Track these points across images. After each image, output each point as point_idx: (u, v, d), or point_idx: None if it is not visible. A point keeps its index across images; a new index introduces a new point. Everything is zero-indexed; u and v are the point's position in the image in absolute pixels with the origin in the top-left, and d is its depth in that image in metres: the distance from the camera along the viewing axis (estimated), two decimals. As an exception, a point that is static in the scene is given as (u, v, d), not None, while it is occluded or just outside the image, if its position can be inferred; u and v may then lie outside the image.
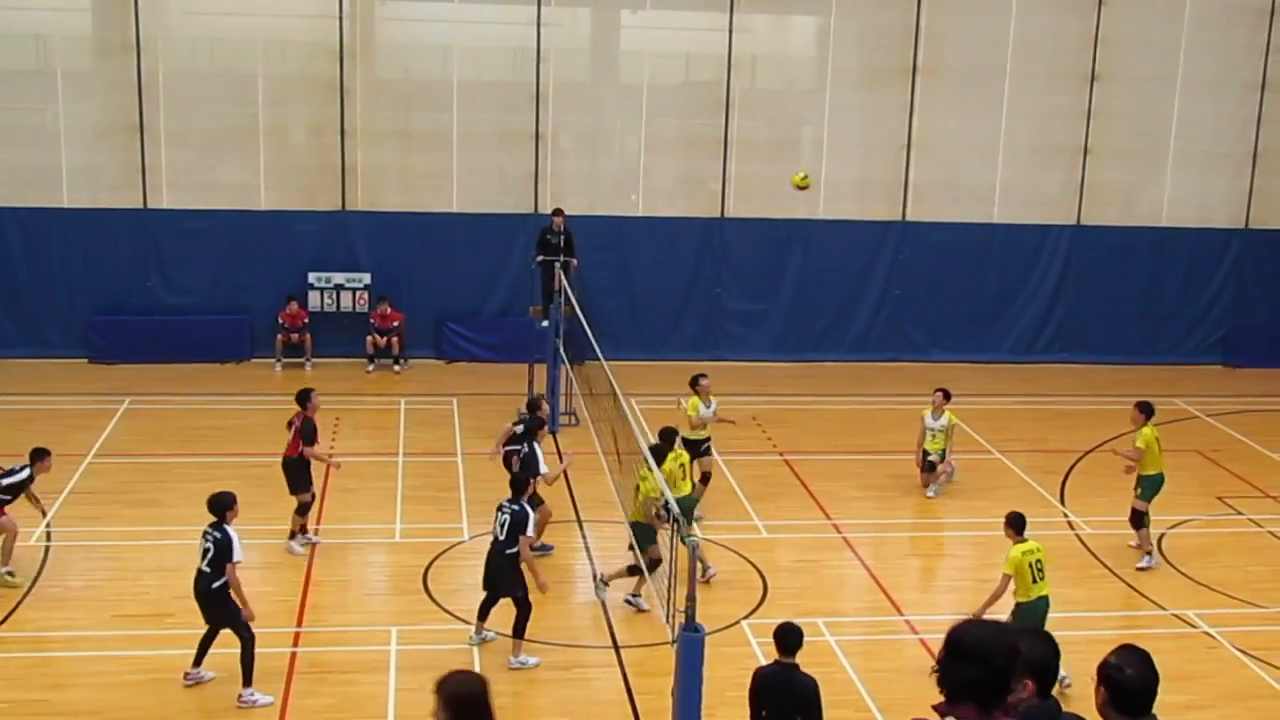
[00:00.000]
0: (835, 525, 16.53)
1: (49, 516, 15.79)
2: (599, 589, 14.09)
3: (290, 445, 15.16)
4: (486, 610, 12.93)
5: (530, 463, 14.45)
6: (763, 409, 21.38)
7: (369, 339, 22.81)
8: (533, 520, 12.84)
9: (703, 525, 15.77)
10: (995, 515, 17.14)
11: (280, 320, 22.73)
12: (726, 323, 24.25)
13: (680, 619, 10.20)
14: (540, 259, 21.09)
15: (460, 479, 17.70)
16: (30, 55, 23.13)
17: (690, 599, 10.05)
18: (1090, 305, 24.83)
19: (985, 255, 24.53)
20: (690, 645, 10.09)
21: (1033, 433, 20.84)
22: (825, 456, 19.28)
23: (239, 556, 11.76)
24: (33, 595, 13.90)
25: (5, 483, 14.27)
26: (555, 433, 19.38)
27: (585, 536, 15.87)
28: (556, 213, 21.76)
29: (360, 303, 23.08)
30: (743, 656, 13.03)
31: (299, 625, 13.48)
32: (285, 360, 22.76)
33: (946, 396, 17.67)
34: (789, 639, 9.87)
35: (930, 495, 17.59)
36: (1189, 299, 25.14)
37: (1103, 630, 12.98)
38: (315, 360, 22.81)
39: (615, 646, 13.17)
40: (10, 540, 14.08)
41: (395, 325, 22.92)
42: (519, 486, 13.09)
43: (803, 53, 24.95)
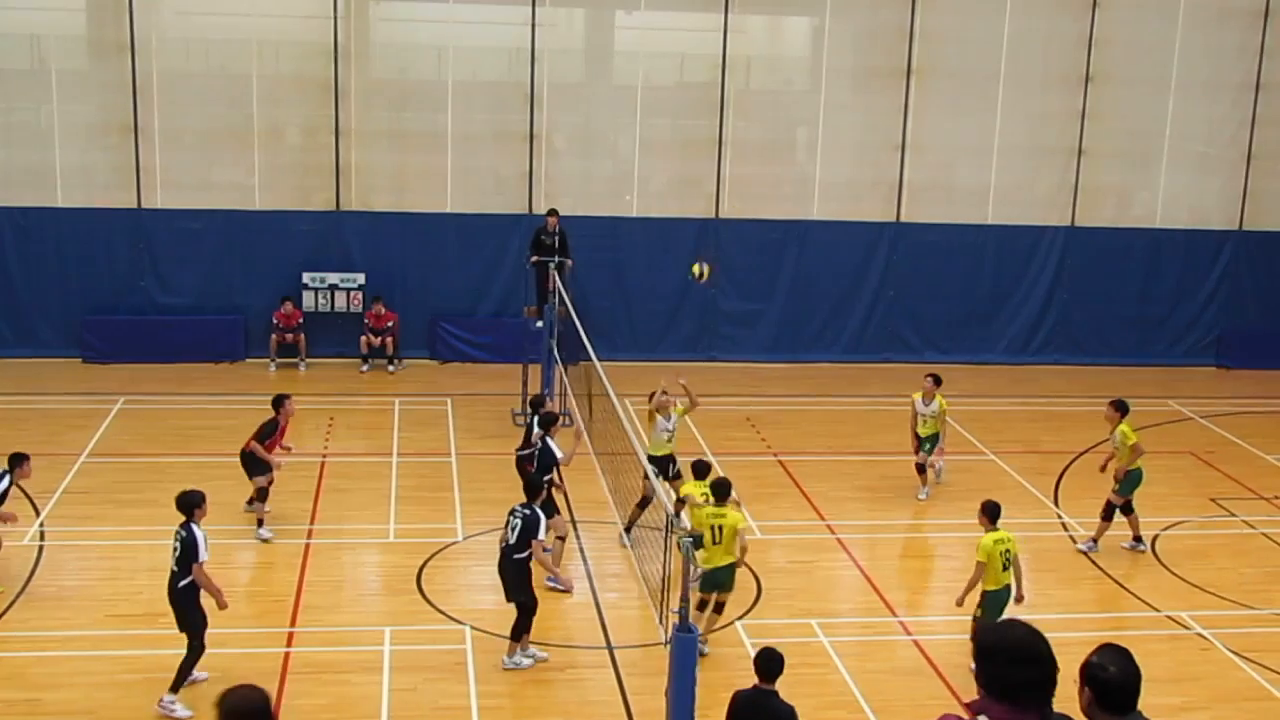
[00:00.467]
0: (829, 526, 16.54)
1: (43, 516, 15.81)
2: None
3: (248, 438, 15.69)
4: (519, 632, 12.69)
5: (546, 457, 14.32)
6: (757, 410, 21.40)
7: (363, 339, 22.80)
8: (544, 525, 12.62)
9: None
10: (989, 516, 17.26)
11: (274, 320, 22.71)
12: (721, 323, 24.26)
13: (674, 620, 10.21)
14: (535, 259, 21.09)
15: (454, 479, 17.71)
16: (24, 55, 23.10)
17: (684, 600, 10.06)
18: (1084, 307, 24.86)
19: (979, 256, 24.55)
20: (684, 646, 10.10)
21: (1027, 434, 20.86)
22: (819, 457, 19.30)
23: (204, 556, 11.68)
24: (26, 595, 13.88)
25: None
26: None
27: (580, 538, 15.86)
28: (551, 213, 21.75)
29: (354, 303, 23.06)
30: (736, 657, 13.05)
31: (293, 625, 13.47)
32: (279, 360, 22.74)
33: (937, 382, 17.63)
34: (770, 666, 9.81)
35: (921, 498, 17.58)
36: (1183, 300, 25.18)
37: (1096, 632, 13.00)
38: (309, 360, 22.81)
39: (609, 647, 13.17)
40: None
41: (389, 325, 22.91)
42: (533, 491, 12.89)
43: (797, 54, 24.97)
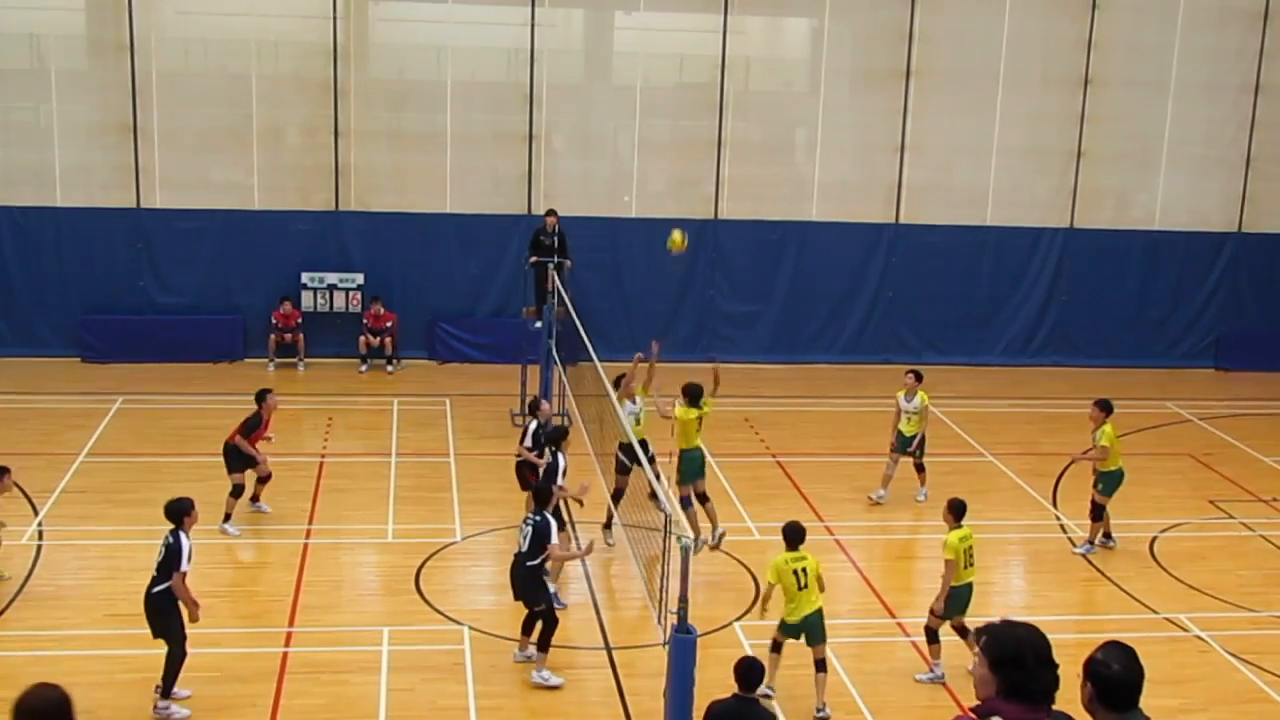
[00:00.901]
0: (827, 527, 16.53)
1: (41, 515, 15.81)
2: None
3: (232, 431, 15.80)
4: (529, 626, 12.67)
5: (552, 472, 14.10)
6: (755, 411, 21.40)
7: (362, 339, 22.80)
8: (555, 529, 12.44)
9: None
10: (987, 518, 17.26)
11: (273, 320, 22.71)
12: (719, 324, 24.27)
13: (672, 620, 10.20)
14: (534, 260, 21.09)
15: (453, 480, 17.70)
16: (24, 54, 23.09)
17: (682, 600, 10.06)
18: (1083, 308, 24.87)
19: (978, 258, 24.57)
20: (682, 646, 10.10)
21: (1025, 435, 20.86)
22: (818, 458, 19.30)
23: (185, 567, 11.51)
24: (24, 594, 13.87)
25: None
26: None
27: (576, 538, 15.84)
28: (549, 213, 21.76)
29: (353, 303, 23.07)
30: (735, 658, 13.00)
31: (291, 625, 13.46)
32: (278, 360, 22.75)
33: (918, 378, 17.56)
34: (750, 675, 9.82)
35: (920, 499, 17.57)
36: (1181, 303, 25.20)
37: (1094, 634, 13.01)
38: (308, 360, 22.81)
39: (607, 648, 13.17)
40: None
41: (388, 325, 22.91)
42: (543, 498, 12.80)
43: (796, 55, 24.98)
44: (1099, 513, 16.02)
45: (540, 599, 12.46)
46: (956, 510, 12.93)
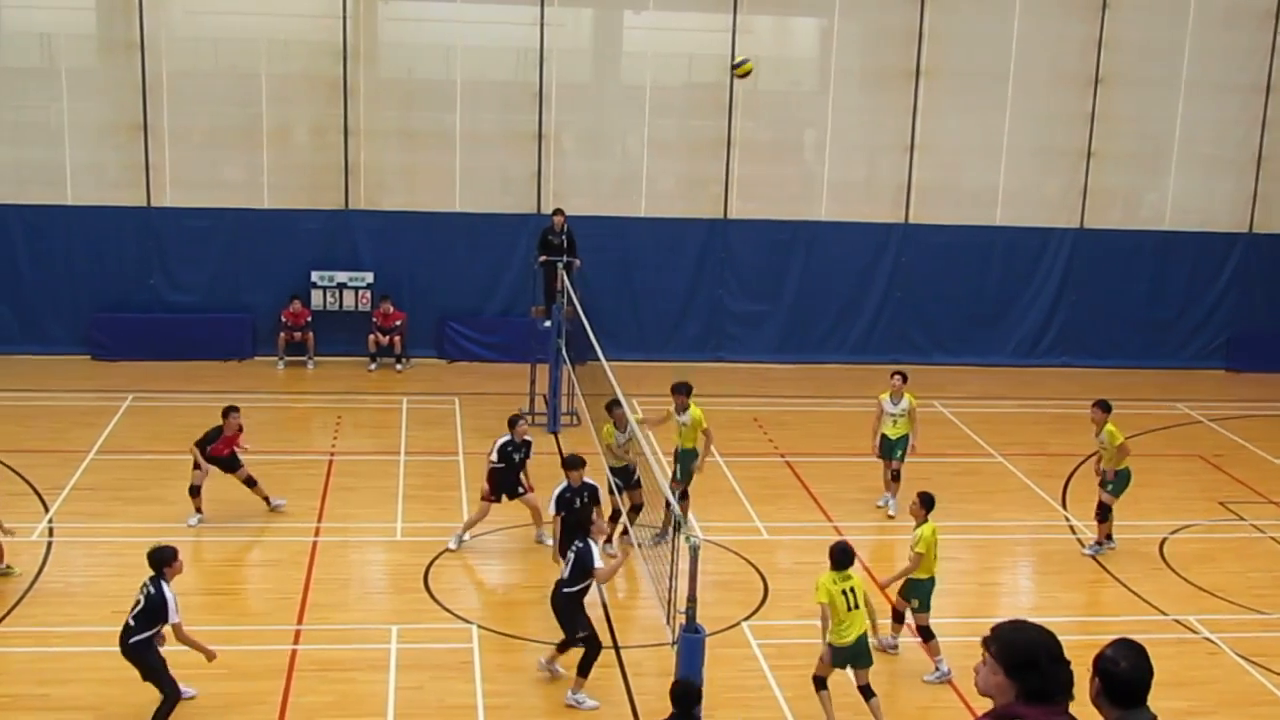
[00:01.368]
0: (836, 527, 16.51)
1: (51, 512, 15.86)
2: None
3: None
4: (566, 646, 12.35)
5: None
6: (764, 410, 21.39)
7: (371, 338, 22.83)
8: (596, 554, 12.08)
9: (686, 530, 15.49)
10: (996, 519, 17.27)
11: (283, 318, 22.74)
12: (728, 324, 24.25)
13: (681, 620, 10.21)
14: (543, 259, 21.09)
15: (461, 478, 17.71)
16: (35, 53, 23.16)
17: (691, 600, 10.06)
18: (1092, 309, 24.82)
19: (987, 258, 24.53)
20: (691, 646, 10.11)
21: (1034, 436, 20.83)
22: (826, 458, 19.29)
23: (175, 618, 11.03)
24: (34, 591, 13.91)
25: None
26: (556, 433, 19.43)
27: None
28: (557, 212, 21.78)
29: (362, 302, 23.09)
30: (743, 658, 13.06)
31: (299, 623, 13.48)
32: (288, 358, 22.78)
33: (904, 379, 17.25)
34: (686, 698, 9.85)
35: (880, 504, 17.25)
36: (1192, 303, 25.13)
37: (1103, 635, 12.92)
38: (317, 358, 22.84)
39: (616, 647, 13.16)
40: None
41: (397, 324, 22.93)
42: (584, 524, 12.60)
43: (805, 54, 24.95)
44: (1106, 513, 15.98)
45: (581, 625, 12.15)
46: (928, 503, 13.02)
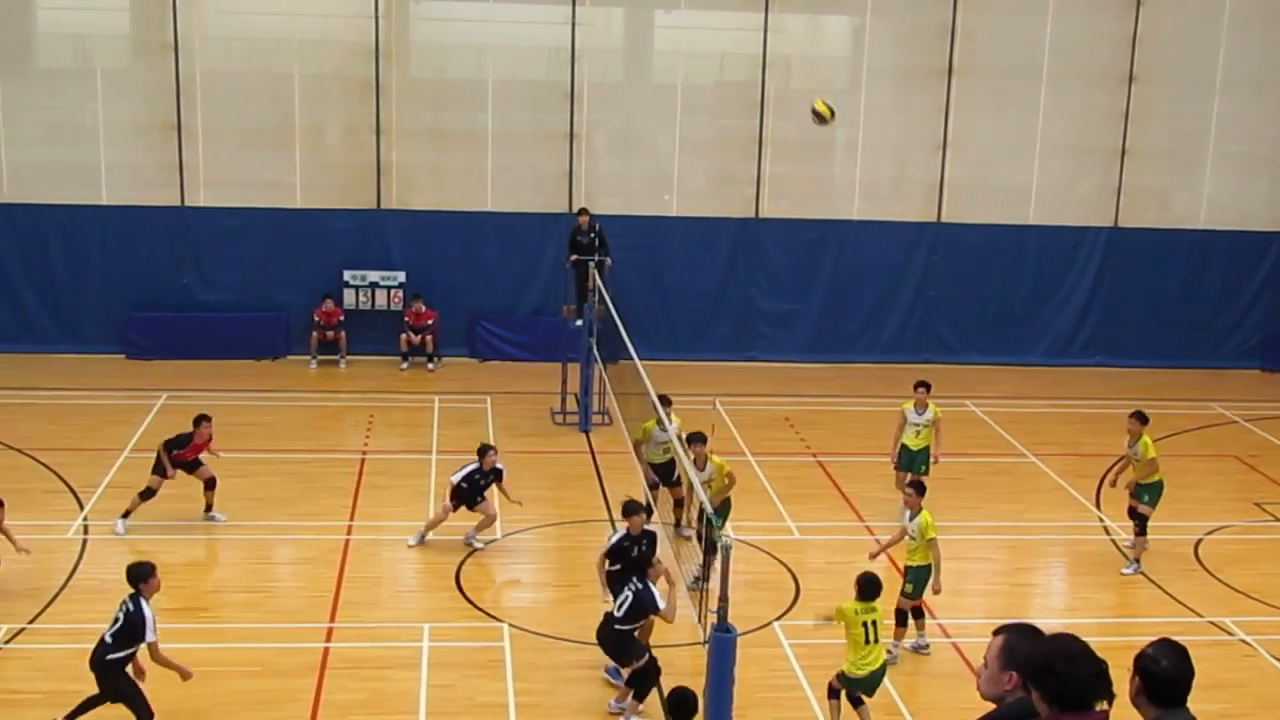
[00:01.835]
0: (868, 527, 16.45)
1: (86, 510, 15.99)
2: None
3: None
4: (631, 682, 11.99)
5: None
6: (795, 410, 21.35)
7: (403, 337, 22.90)
8: (659, 596, 11.94)
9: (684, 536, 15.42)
10: (1028, 519, 17.18)
11: (315, 318, 22.84)
12: (759, 323, 24.21)
13: (712, 619, 10.19)
14: (575, 258, 21.11)
15: (492, 477, 17.71)
16: (69, 54, 23.37)
17: (722, 599, 10.05)
18: (1126, 308, 24.64)
19: (1020, 257, 24.39)
20: (722, 645, 10.09)
21: (1066, 436, 20.70)
22: (858, 458, 19.22)
23: (152, 637, 10.74)
24: (69, 588, 14.03)
25: None
26: (588, 432, 19.44)
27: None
28: (581, 212, 21.84)
29: (394, 301, 23.17)
30: (774, 658, 13.04)
31: (332, 621, 13.54)
32: (320, 357, 22.88)
33: (928, 389, 16.99)
34: (680, 708, 9.84)
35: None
36: (1226, 302, 24.91)
37: (1138, 637, 12.84)
38: (350, 357, 22.93)
39: (647, 646, 13.13)
40: None
41: (429, 323, 23.00)
42: (643, 567, 12.34)
43: (837, 53, 24.88)
44: (1143, 524, 15.50)
45: (635, 654, 11.89)
46: (921, 490, 13.31)
